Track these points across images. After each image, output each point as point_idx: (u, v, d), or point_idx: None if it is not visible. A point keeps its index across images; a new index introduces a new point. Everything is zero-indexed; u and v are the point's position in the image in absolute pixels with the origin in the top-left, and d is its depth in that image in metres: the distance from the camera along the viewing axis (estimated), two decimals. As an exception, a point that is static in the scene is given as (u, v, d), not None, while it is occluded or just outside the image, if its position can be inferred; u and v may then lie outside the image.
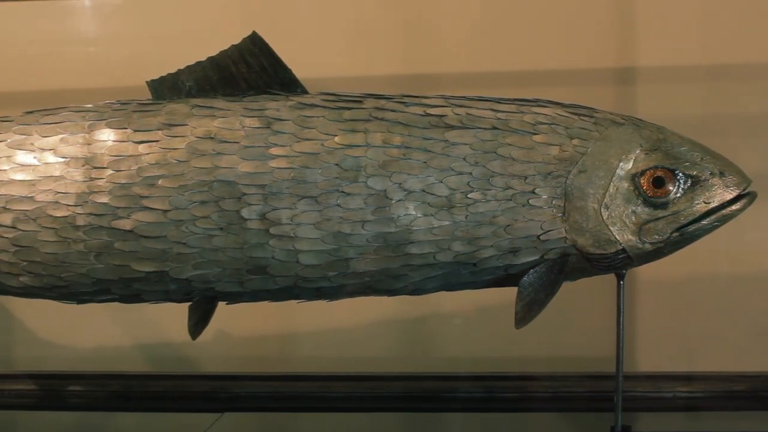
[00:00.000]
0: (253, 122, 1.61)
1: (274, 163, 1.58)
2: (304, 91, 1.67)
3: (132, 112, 1.65)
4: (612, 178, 1.56)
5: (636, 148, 1.57)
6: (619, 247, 1.56)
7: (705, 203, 1.55)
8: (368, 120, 1.60)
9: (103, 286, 1.64)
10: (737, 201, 1.56)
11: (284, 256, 1.57)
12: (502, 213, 1.55)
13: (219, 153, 1.59)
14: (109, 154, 1.61)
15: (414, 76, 2.34)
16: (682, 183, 1.56)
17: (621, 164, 1.56)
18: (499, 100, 1.63)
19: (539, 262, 1.57)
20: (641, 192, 1.56)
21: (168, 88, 1.67)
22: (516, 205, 1.55)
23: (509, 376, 2.29)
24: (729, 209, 1.56)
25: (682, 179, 1.56)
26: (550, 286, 1.57)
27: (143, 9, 2.44)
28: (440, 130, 1.59)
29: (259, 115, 1.61)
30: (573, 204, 1.56)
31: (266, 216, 1.57)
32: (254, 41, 1.66)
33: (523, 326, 1.57)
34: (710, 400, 2.19)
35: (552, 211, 1.56)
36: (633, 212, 1.56)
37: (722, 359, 2.29)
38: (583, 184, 1.56)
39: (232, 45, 1.66)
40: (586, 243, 1.56)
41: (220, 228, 1.58)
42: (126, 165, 1.60)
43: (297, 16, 2.36)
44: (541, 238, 1.56)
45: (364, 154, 1.58)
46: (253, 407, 2.29)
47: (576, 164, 1.56)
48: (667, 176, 1.56)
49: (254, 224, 1.57)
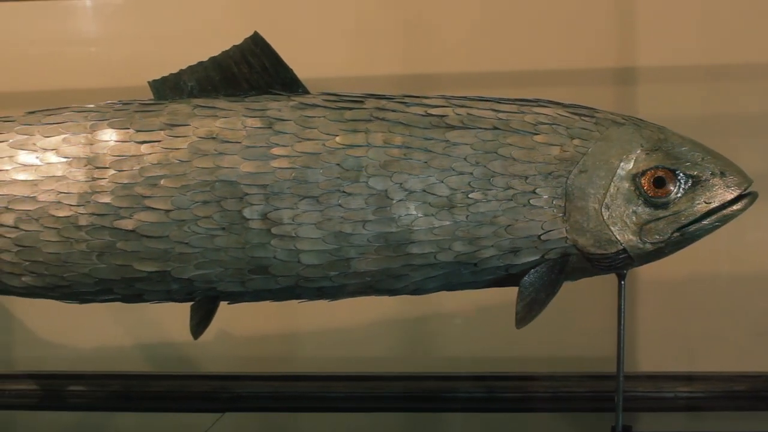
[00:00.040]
0: (254, 122, 1.61)
1: (276, 163, 1.58)
2: (306, 91, 1.67)
3: (134, 112, 1.65)
4: (613, 178, 1.56)
5: (637, 148, 1.57)
6: (620, 247, 1.56)
7: (706, 203, 1.55)
8: (369, 120, 1.60)
9: (106, 286, 1.64)
10: (738, 201, 1.56)
11: (286, 255, 1.58)
12: (503, 213, 1.55)
13: (221, 153, 1.59)
14: (112, 154, 1.61)
15: (415, 77, 2.34)
16: (683, 183, 1.56)
17: (622, 164, 1.56)
18: (499, 101, 1.63)
19: (540, 262, 1.57)
20: (642, 192, 1.55)
21: (170, 89, 1.67)
22: (517, 205, 1.55)
23: (510, 376, 2.29)
24: (730, 209, 1.56)
25: (683, 179, 1.56)
26: (550, 286, 1.57)
27: (144, 9, 2.44)
28: (441, 130, 1.59)
29: (261, 115, 1.61)
30: (574, 204, 1.55)
31: (268, 216, 1.57)
32: (256, 41, 1.66)
33: (523, 326, 1.57)
34: (711, 400, 2.19)
35: (553, 211, 1.56)
36: (634, 212, 1.56)
37: (723, 359, 2.29)
38: (584, 184, 1.55)
39: (233, 45, 1.66)
40: (586, 243, 1.56)
41: (222, 228, 1.58)
42: (128, 165, 1.60)
43: (298, 16, 2.36)
44: (541, 238, 1.56)
45: (365, 154, 1.58)
46: (254, 407, 2.29)
47: (577, 164, 1.56)
48: (667, 176, 1.56)
49: (256, 224, 1.57)
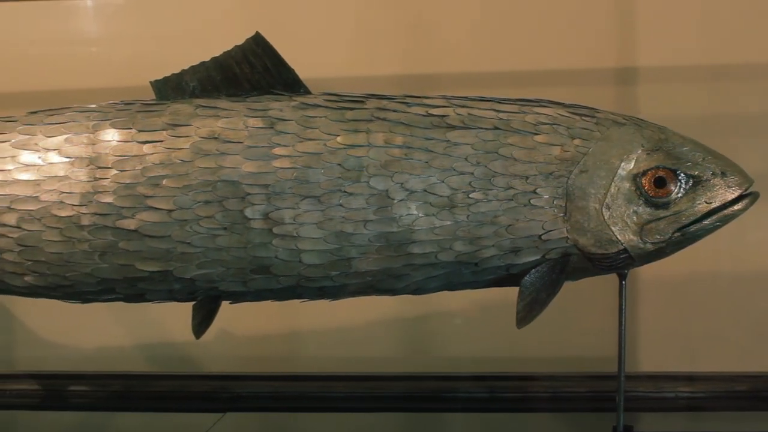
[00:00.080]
0: (256, 122, 1.61)
1: (278, 163, 1.58)
2: (307, 91, 1.67)
3: (136, 113, 1.65)
4: (613, 178, 1.56)
5: (637, 148, 1.57)
6: (621, 247, 1.56)
7: (707, 203, 1.55)
8: (370, 120, 1.60)
9: (108, 285, 1.64)
10: (739, 201, 1.56)
11: (287, 255, 1.58)
12: (504, 213, 1.55)
13: (223, 153, 1.59)
14: (114, 154, 1.61)
15: (416, 77, 2.34)
16: (684, 183, 1.56)
17: (622, 164, 1.56)
18: (500, 101, 1.63)
19: (541, 262, 1.57)
20: (643, 192, 1.55)
21: (172, 89, 1.67)
22: (517, 205, 1.55)
23: (510, 376, 2.29)
24: (731, 209, 1.56)
25: (684, 179, 1.56)
26: (551, 286, 1.57)
27: (146, 9, 2.44)
28: (442, 131, 1.59)
29: (263, 115, 1.61)
30: (574, 204, 1.56)
31: (269, 216, 1.57)
32: (257, 42, 1.66)
33: (524, 326, 1.57)
34: (712, 400, 2.19)
35: (553, 211, 1.56)
36: (634, 212, 1.56)
37: (724, 359, 2.29)
38: (585, 184, 1.55)
39: (235, 45, 1.66)
40: (587, 243, 1.56)
41: (224, 228, 1.58)
42: (130, 165, 1.61)
43: (300, 16, 2.36)
44: (542, 237, 1.56)
45: (366, 154, 1.58)
46: (254, 407, 2.29)
47: (577, 164, 1.56)
48: (668, 176, 1.56)
49: (257, 224, 1.57)
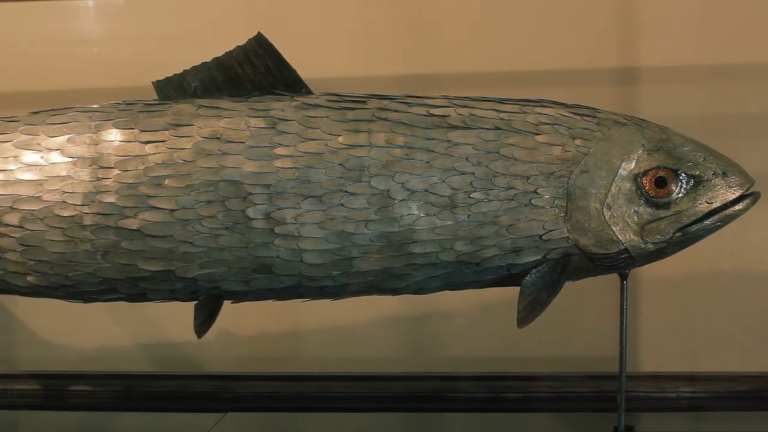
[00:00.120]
0: (258, 122, 1.61)
1: (279, 163, 1.58)
2: (309, 91, 1.67)
3: (138, 113, 1.65)
4: (614, 178, 1.56)
5: (638, 148, 1.57)
6: (622, 247, 1.56)
7: (708, 203, 1.55)
8: (372, 120, 1.60)
9: (110, 285, 1.64)
10: (740, 201, 1.56)
11: (289, 255, 1.58)
12: (505, 213, 1.55)
13: (225, 153, 1.59)
14: (116, 154, 1.62)
15: (417, 77, 2.34)
16: (685, 183, 1.56)
17: (623, 164, 1.56)
18: (501, 101, 1.63)
19: (542, 262, 1.58)
20: (643, 192, 1.55)
21: (174, 89, 1.67)
22: (518, 204, 1.56)
23: (511, 376, 2.29)
24: (732, 209, 1.56)
25: (685, 179, 1.56)
26: (552, 286, 1.57)
27: (147, 9, 2.44)
28: (443, 131, 1.59)
29: (264, 115, 1.62)
30: (575, 204, 1.56)
31: (271, 215, 1.57)
32: (259, 42, 1.66)
33: (525, 326, 1.57)
34: (713, 400, 2.19)
35: (554, 211, 1.56)
36: (635, 212, 1.56)
37: (726, 359, 2.29)
38: (586, 184, 1.56)
39: (237, 46, 1.66)
40: (588, 243, 1.56)
41: (226, 227, 1.58)
42: (133, 165, 1.61)
43: (301, 17, 2.36)
44: (543, 237, 1.56)
45: (368, 154, 1.58)
46: (255, 407, 2.29)
47: (578, 164, 1.56)
48: (669, 176, 1.56)
49: (259, 224, 1.57)
